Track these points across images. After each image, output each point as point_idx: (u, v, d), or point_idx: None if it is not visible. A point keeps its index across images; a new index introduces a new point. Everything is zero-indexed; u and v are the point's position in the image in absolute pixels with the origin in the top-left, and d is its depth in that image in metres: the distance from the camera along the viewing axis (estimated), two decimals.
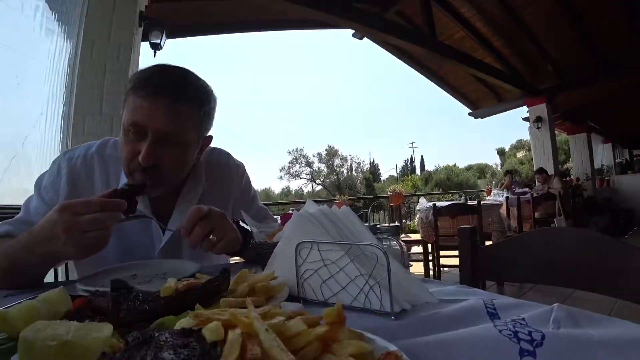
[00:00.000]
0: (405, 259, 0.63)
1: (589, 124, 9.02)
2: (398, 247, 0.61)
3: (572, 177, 8.58)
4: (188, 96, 0.83)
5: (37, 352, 0.29)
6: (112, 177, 0.94)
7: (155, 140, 0.79)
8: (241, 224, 0.88)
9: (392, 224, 0.79)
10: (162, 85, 0.80)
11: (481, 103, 8.12)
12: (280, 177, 33.17)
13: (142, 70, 0.85)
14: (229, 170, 1.10)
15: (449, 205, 3.45)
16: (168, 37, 3.30)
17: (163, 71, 0.85)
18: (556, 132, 7.75)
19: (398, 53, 6.49)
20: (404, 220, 6.10)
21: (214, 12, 4.25)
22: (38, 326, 0.32)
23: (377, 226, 0.66)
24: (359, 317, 0.50)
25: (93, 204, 0.66)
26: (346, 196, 5.86)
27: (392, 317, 0.47)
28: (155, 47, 3.17)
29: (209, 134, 0.95)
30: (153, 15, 3.14)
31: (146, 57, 3.17)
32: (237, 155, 1.17)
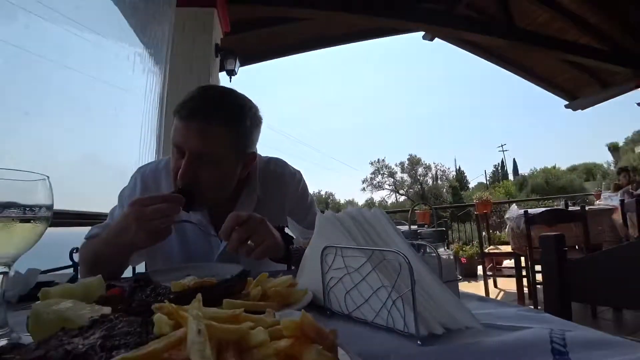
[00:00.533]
0: (451, 272, 0.53)
1: None
2: (435, 255, 0.52)
3: None
4: (220, 118, 0.88)
5: (42, 321, 0.36)
6: None
7: (191, 160, 0.86)
8: (286, 230, 0.88)
9: (437, 229, 0.68)
10: (195, 108, 0.87)
11: (580, 92, 7.04)
12: (363, 189, 33.17)
13: (187, 94, 0.92)
14: (284, 179, 1.13)
15: (543, 212, 2.99)
16: (242, 64, 3.57)
17: (200, 94, 0.91)
18: None
19: (475, 49, 6.01)
20: (493, 231, 5.52)
21: (282, 35, 4.48)
22: (50, 302, 0.39)
23: (418, 231, 0.57)
24: (382, 336, 0.42)
25: (157, 198, 0.80)
26: (427, 206, 5.53)
27: (419, 342, 0.39)
28: (230, 73, 3.45)
29: (252, 150, 0.98)
30: (227, 46, 3.43)
31: (224, 84, 3.47)
32: (318, 170, 1.23)
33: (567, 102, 7.25)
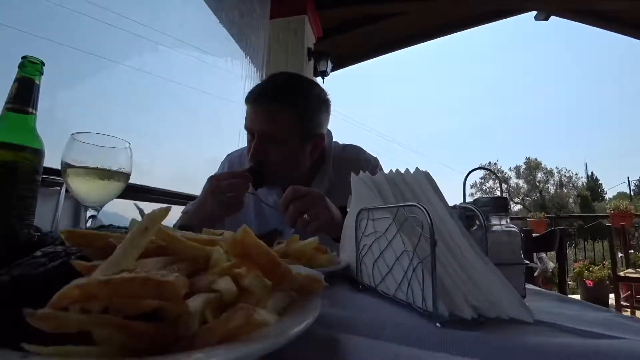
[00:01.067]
0: (510, 251, 0.41)
1: None
2: (492, 227, 0.40)
3: None
4: (284, 100, 0.94)
5: None
6: None
7: (259, 140, 0.94)
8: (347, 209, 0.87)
9: (497, 196, 0.52)
10: (262, 92, 0.95)
11: None
12: (472, 195, 30.43)
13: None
14: (358, 164, 1.11)
15: None
16: (337, 67, 3.65)
17: (268, 79, 1.00)
18: None
19: (610, 24, 4.93)
20: (635, 251, 4.41)
21: (375, 34, 4.40)
22: None
23: (475, 199, 0.46)
24: (403, 315, 0.34)
25: (229, 174, 0.90)
26: (542, 213, 4.74)
27: (437, 324, 0.30)
28: (323, 74, 3.54)
29: (320, 131, 1.02)
30: (320, 49, 3.54)
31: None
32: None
33: None
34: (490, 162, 29.56)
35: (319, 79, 3.61)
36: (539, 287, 0.61)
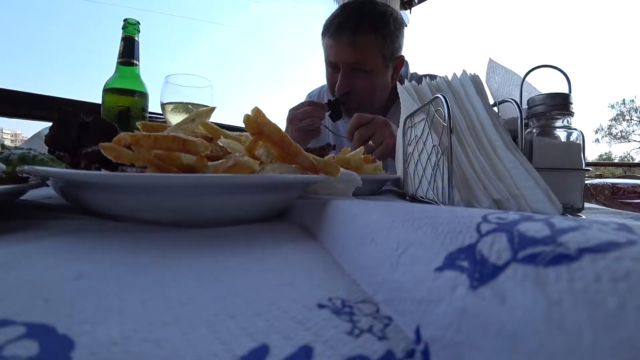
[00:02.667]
0: (573, 153, 0.37)
1: None
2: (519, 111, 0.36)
3: None
4: (365, 25, 0.94)
5: None
6: None
7: (346, 72, 0.96)
8: None
9: (555, 93, 0.38)
10: (341, 23, 0.96)
11: None
12: (597, 140, 25.28)
13: (330, 15, 1.03)
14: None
15: None
16: None
17: (342, 10, 1.00)
18: None
19: None
20: None
21: None
22: None
23: (530, 97, 0.41)
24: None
25: (305, 103, 0.95)
26: None
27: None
28: (409, 4, 3.23)
29: (399, 53, 1.02)
30: None
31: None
32: None
33: None
34: (624, 100, 23.76)
35: (405, 13, 3.32)
36: None
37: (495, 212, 0.13)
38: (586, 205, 0.50)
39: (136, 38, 0.75)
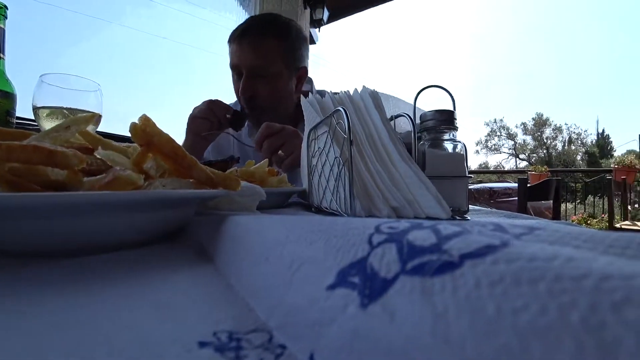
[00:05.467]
0: (458, 163, 0.41)
1: None
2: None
3: None
4: (268, 31, 0.97)
5: None
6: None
7: (249, 75, 0.96)
8: None
9: (444, 109, 0.47)
10: (246, 28, 0.98)
11: None
12: (477, 152, 29.88)
13: (237, 26, 1.04)
14: None
15: None
16: (333, 17, 3.47)
17: (249, 19, 1.03)
18: None
19: None
20: (637, 206, 4.41)
21: None
22: None
23: (422, 113, 0.45)
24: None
25: (204, 103, 0.93)
26: (545, 167, 4.70)
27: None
28: (319, 23, 3.38)
29: (303, 64, 1.06)
30: None
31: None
32: None
33: None
34: (496, 119, 28.80)
35: (314, 30, 3.47)
36: None
37: (389, 222, 0.13)
38: (471, 207, 0.57)
39: (1, 25, 0.61)
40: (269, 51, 0.97)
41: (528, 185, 2.21)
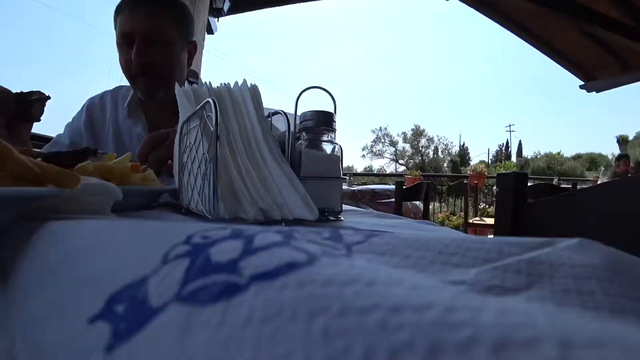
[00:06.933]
0: (334, 164, 0.42)
1: None
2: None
3: None
4: (163, 3, 0.93)
5: None
6: (120, 111, 1.07)
7: (142, 41, 0.90)
8: None
9: (323, 110, 0.52)
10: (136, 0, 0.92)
11: (598, 72, 6.66)
12: (363, 156, 32.83)
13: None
14: None
15: (531, 185, 2.88)
16: (234, 10, 3.34)
17: None
18: None
19: (493, 13, 5.59)
20: (488, 206, 5.40)
21: None
22: None
23: (303, 112, 0.45)
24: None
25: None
26: (418, 172, 5.38)
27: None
28: (218, 12, 3.22)
29: (193, 39, 1.03)
30: None
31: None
32: None
33: (582, 83, 6.89)
34: (381, 127, 32.27)
35: (213, 20, 3.29)
36: None
37: (208, 230, 0.11)
38: (347, 207, 0.60)
39: None
40: (164, 17, 0.93)
41: (404, 187, 2.49)
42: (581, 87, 7.04)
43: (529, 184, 3.12)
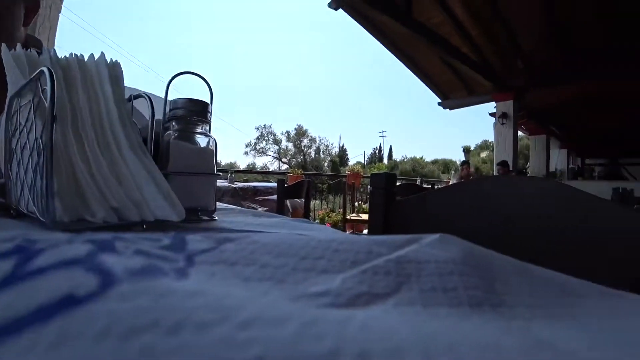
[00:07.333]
0: (206, 159, 0.39)
1: (550, 128, 9.31)
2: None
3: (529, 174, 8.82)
4: None
5: None
6: None
7: None
8: None
9: (195, 99, 0.50)
10: None
11: (452, 93, 8.06)
12: (246, 153, 32.50)
13: None
14: None
15: (399, 185, 3.30)
16: None
17: None
18: (519, 133, 7.90)
19: (374, 31, 6.17)
20: (365, 203, 5.96)
21: None
22: None
23: (175, 99, 0.40)
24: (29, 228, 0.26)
25: None
26: (300, 170, 5.58)
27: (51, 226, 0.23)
28: None
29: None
30: None
31: None
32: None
33: (440, 100, 8.20)
34: (265, 125, 32.66)
35: None
36: None
37: None
38: (224, 206, 0.57)
39: None
40: None
41: (286, 185, 2.54)
42: (439, 104, 8.38)
43: (398, 183, 3.57)
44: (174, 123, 0.39)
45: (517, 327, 0.10)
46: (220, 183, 3.36)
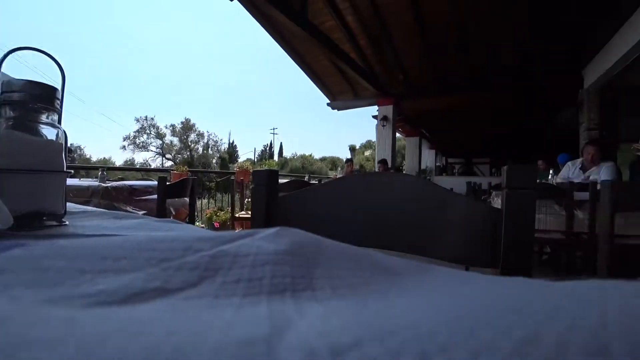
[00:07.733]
0: (53, 154, 0.34)
1: (421, 131, 10.80)
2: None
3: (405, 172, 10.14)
4: None
5: None
6: None
7: None
8: None
9: (37, 82, 0.44)
10: None
11: (340, 95, 8.59)
12: (124, 147, 28.75)
13: None
14: None
15: (288, 181, 3.36)
16: None
17: None
18: (397, 134, 8.96)
19: (271, 29, 6.14)
20: (249, 200, 5.89)
21: None
22: None
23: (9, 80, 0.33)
24: None
25: None
26: (185, 167, 5.20)
27: None
28: None
29: None
30: None
31: None
32: (69, 115, 0.74)
33: (329, 101, 8.67)
34: (147, 117, 29.51)
35: None
36: None
37: None
38: (80, 208, 0.50)
39: None
40: None
41: (168, 183, 2.32)
42: (328, 104, 8.85)
43: (287, 180, 3.59)
44: (8, 109, 0.32)
45: (285, 308, 0.12)
46: (87, 182, 2.89)
